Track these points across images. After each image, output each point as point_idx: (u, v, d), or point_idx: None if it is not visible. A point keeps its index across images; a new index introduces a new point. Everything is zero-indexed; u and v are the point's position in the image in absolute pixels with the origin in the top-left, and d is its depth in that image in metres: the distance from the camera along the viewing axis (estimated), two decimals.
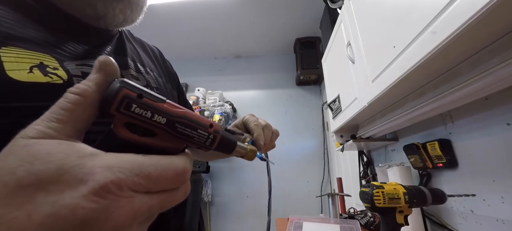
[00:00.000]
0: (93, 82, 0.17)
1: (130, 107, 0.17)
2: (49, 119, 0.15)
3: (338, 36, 1.11)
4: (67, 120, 0.15)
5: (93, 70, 0.18)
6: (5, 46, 0.24)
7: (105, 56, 0.18)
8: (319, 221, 0.93)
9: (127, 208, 0.14)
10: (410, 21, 0.56)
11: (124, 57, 0.40)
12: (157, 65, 0.50)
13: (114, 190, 0.14)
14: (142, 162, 0.15)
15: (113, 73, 0.18)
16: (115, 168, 0.14)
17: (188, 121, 0.19)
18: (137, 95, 0.17)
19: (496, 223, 0.66)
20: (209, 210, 2.19)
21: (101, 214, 0.13)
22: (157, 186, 0.16)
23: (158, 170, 0.16)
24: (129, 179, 0.14)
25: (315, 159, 2.29)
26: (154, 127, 0.18)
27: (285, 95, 2.55)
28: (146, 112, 0.17)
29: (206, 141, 0.21)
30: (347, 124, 1.10)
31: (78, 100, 0.16)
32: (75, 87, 0.16)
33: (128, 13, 0.37)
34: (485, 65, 0.49)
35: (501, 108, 0.64)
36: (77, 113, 0.16)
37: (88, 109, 0.16)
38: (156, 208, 0.16)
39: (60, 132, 0.15)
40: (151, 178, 0.15)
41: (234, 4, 1.93)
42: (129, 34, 0.48)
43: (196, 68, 2.69)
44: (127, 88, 0.17)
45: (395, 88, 0.65)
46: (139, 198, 0.15)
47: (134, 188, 0.15)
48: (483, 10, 0.37)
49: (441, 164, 0.80)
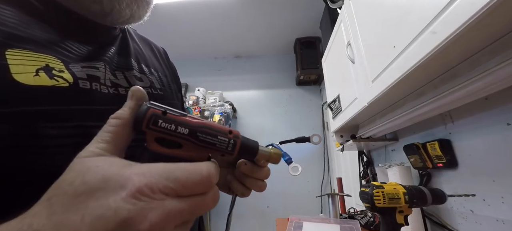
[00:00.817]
0: (127, 107, 0.21)
1: (157, 122, 0.20)
2: (97, 141, 0.19)
3: (338, 36, 1.11)
4: (111, 140, 0.19)
5: (127, 97, 0.22)
6: (11, 48, 0.24)
7: (136, 86, 0.22)
8: (319, 221, 0.93)
9: (160, 209, 0.16)
10: (410, 21, 0.56)
11: (128, 57, 0.39)
12: (162, 64, 0.50)
13: (147, 192, 0.16)
14: (170, 168, 0.18)
15: (142, 97, 0.22)
16: (147, 174, 0.17)
17: (208, 129, 0.22)
18: (162, 112, 0.20)
19: (496, 223, 0.66)
20: (209, 210, 2.19)
21: (138, 214, 0.15)
22: (186, 189, 0.18)
23: (185, 174, 0.18)
24: (159, 182, 0.17)
25: (315, 159, 2.29)
26: (179, 138, 0.21)
27: (285, 95, 2.55)
28: (170, 125, 0.20)
29: (228, 146, 0.23)
30: (347, 124, 1.10)
31: (117, 122, 0.20)
32: (115, 114, 0.21)
33: (135, 9, 0.36)
34: (485, 65, 0.49)
35: (501, 108, 0.64)
36: (118, 133, 0.20)
37: (125, 129, 0.20)
38: (186, 211, 0.17)
39: (106, 150, 0.19)
40: (179, 181, 0.17)
41: (234, 4, 1.93)
42: (134, 33, 0.48)
43: (196, 68, 2.69)
44: (153, 107, 0.20)
45: (395, 88, 0.65)
46: (170, 201, 0.17)
47: (164, 191, 0.17)
48: (483, 10, 0.37)
49: (441, 164, 0.80)
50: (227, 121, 2.15)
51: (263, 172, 0.33)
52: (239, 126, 2.49)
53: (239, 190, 0.35)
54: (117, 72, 0.35)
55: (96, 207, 0.15)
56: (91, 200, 0.15)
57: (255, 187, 0.34)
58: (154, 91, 0.40)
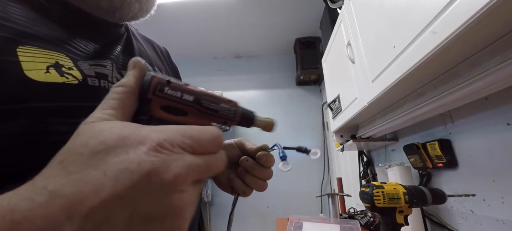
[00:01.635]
0: (132, 76, 0.21)
1: (163, 90, 0.21)
2: (104, 108, 0.19)
3: (338, 36, 1.11)
4: (118, 106, 0.19)
5: (128, 68, 0.22)
6: (22, 45, 0.24)
7: (136, 57, 0.22)
8: (319, 221, 0.93)
9: (181, 161, 0.16)
10: (410, 21, 0.56)
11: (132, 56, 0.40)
12: (165, 64, 0.50)
13: (167, 146, 0.16)
14: (183, 128, 0.19)
15: (144, 68, 0.22)
16: (164, 131, 0.17)
17: (211, 97, 0.23)
18: (166, 81, 0.21)
19: (496, 223, 0.66)
20: (209, 210, 2.19)
21: (161, 165, 0.15)
22: (200, 146, 0.18)
23: (199, 132, 0.19)
24: (177, 138, 0.17)
25: (315, 159, 2.29)
26: (184, 105, 0.21)
27: (285, 95, 2.55)
28: (176, 92, 0.21)
29: (230, 113, 0.24)
30: (347, 124, 1.10)
31: (123, 90, 0.20)
32: (119, 82, 0.20)
33: (144, 2, 0.36)
34: (485, 65, 0.49)
35: (501, 108, 0.64)
36: (124, 100, 0.19)
37: (131, 96, 0.20)
38: (203, 167, 0.18)
39: (113, 116, 0.18)
40: (194, 138, 0.18)
41: (234, 4, 1.93)
42: (138, 33, 0.48)
43: (196, 68, 2.69)
44: (157, 76, 0.21)
45: (395, 88, 0.65)
46: (188, 156, 0.17)
47: (182, 146, 0.17)
48: (483, 10, 0.37)
49: (441, 164, 0.80)
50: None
51: (265, 172, 0.34)
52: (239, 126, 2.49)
53: (240, 188, 0.35)
54: (123, 71, 0.35)
55: (117, 162, 0.15)
56: (110, 157, 0.15)
57: (256, 186, 0.35)
58: None
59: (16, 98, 0.22)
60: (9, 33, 0.24)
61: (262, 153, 0.34)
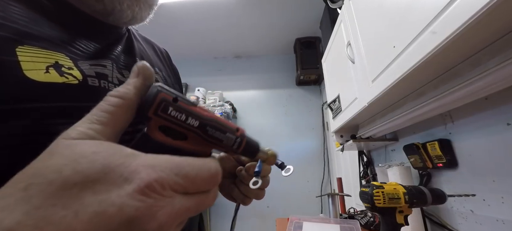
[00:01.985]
0: (132, 86, 0.18)
1: (167, 110, 0.18)
2: (91, 121, 0.16)
3: (338, 36, 1.11)
4: (108, 122, 0.16)
5: (131, 74, 0.18)
6: (21, 45, 0.24)
7: (143, 62, 0.19)
8: (319, 221, 0.93)
9: (169, 207, 0.14)
10: (410, 21, 0.56)
11: (133, 56, 0.40)
12: (165, 65, 0.50)
13: (158, 189, 0.14)
14: (180, 163, 0.16)
15: (150, 77, 0.19)
16: (157, 167, 0.15)
17: (218, 125, 0.20)
18: (173, 98, 0.18)
19: (496, 223, 0.66)
20: (209, 210, 2.19)
21: (147, 213, 0.13)
22: (194, 186, 0.16)
23: (195, 170, 0.16)
24: (170, 178, 0.15)
25: (315, 159, 2.29)
26: (187, 130, 0.19)
27: (285, 95, 2.55)
28: (181, 115, 0.18)
29: (234, 144, 0.22)
30: (347, 124, 1.10)
31: (119, 102, 0.17)
32: (115, 91, 0.17)
33: (137, 10, 0.36)
34: (485, 65, 0.49)
35: (501, 108, 0.64)
36: (117, 115, 0.16)
37: (127, 111, 0.17)
38: (192, 209, 0.16)
39: (101, 133, 0.15)
40: (188, 177, 0.16)
41: (234, 4, 1.93)
42: (138, 34, 0.48)
43: (196, 68, 2.69)
44: (164, 92, 0.18)
45: (395, 88, 0.65)
46: (178, 198, 0.15)
47: (174, 187, 0.15)
48: (483, 10, 0.37)
49: (441, 164, 0.80)
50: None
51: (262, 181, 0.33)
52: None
53: (240, 198, 0.35)
54: (124, 71, 0.35)
55: (93, 202, 0.12)
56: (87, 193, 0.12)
57: (252, 195, 0.35)
58: None
59: (16, 98, 0.22)
60: (9, 32, 0.24)
61: (250, 164, 0.34)
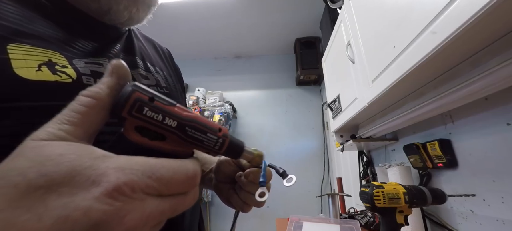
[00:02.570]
0: (105, 85, 0.17)
1: (142, 110, 0.17)
2: (61, 121, 0.15)
3: (338, 36, 1.11)
4: (79, 122, 0.15)
5: (105, 73, 0.18)
6: (13, 42, 0.23)
7: (118, 60, 0.18)
8: (319, 221, 0.93)
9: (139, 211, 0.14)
10: (410, 21, 0.56)
11: (133, 56, 0.39)
12: (167, 64, 0.49)
13: (127, 192, 0.14)
14: (154, 165, 0.15)
15: (125, 76, 0.18)
16: (127, 170, 0.14)
17: (198, 125, 0.19)
18: (149, 98, 0.17)
19: (496, 223, 0.66)
20: (209, 210, 2.19)
21: (114, 217, 0.13)
22: (169, 189, 0.16)
23: (170, 173, 0.16)
24: (141, 181, 0.14)
25: (315, 159, 2.29)
26: (164, 130, 0.18)
27: (285, 95, 2.55)
28: (157, 115, 0.17)
29: (215, 145, 0.21)
30: (347, 124, 1.10)
31: (91, 103, 0.16)
32: (87, 90, 0.16)
33: (134, 11, 0.36)
34: (485, 65, 0.49)
35: (501, 108, 0.64)
36: (89, 116, 0.16)
37: (100, 112, 0.16)
38: (167, 212, 0.16)
39: (72, 134, 0.15)
40: (162, 180, 0.15)
41: (234, 4, 1.93)
42: (139, 33, 0.48)
43: (196, 68, 2.69)
44: (139, 91, 0.17)
45: (395, 88, 0.65)
46: (151, 201, 0.15)
47: (146, 190, 0.15)
48: (483, 10, 0.37)
49: (441, 164, 0.80)
50: (227, 121, 2.16)
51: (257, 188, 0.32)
52: (239, 126, 2.49)
53: (239, 204, 0.34)
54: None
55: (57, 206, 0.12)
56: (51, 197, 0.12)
57: (252, 202, 0.34)
58: (160, 90, 0.40)
59: (5, 96, 0.21)
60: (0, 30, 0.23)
61: (249, 171, 0.33)
